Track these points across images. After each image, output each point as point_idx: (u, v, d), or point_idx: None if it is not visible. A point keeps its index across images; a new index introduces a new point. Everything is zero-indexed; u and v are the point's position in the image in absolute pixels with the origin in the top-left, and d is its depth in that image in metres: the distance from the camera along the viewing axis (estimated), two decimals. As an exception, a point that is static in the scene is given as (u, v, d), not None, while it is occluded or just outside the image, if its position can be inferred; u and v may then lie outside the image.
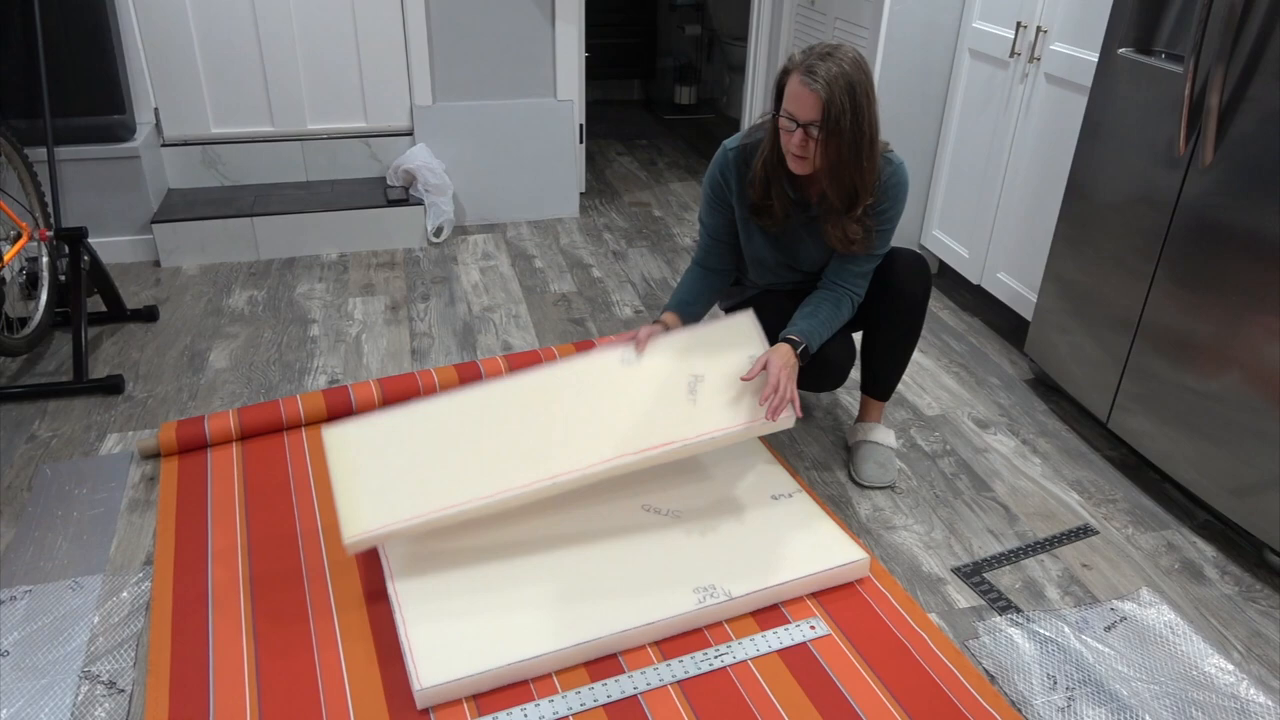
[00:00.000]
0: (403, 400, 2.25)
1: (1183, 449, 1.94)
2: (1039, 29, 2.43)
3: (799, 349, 1.80)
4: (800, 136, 1.70)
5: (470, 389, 1.81)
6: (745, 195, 1.89)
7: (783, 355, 1.77)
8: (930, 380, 2.50)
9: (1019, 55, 2.52)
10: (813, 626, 1.62)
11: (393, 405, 2.22)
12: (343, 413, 2.19)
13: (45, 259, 2.52)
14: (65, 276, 2.48)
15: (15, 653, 1.54)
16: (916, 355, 2.63)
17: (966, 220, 2.85)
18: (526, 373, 1.83)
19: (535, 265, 3.17)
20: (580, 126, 3.56)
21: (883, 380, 2.08)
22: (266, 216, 3.08)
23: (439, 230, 3.31)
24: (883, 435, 2.10)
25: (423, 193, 3.25)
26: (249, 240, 3.09)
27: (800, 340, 1.81)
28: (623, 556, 1.72)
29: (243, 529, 1.82)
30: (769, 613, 1.65)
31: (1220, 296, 1.81)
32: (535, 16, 3.32)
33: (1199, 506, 2.02)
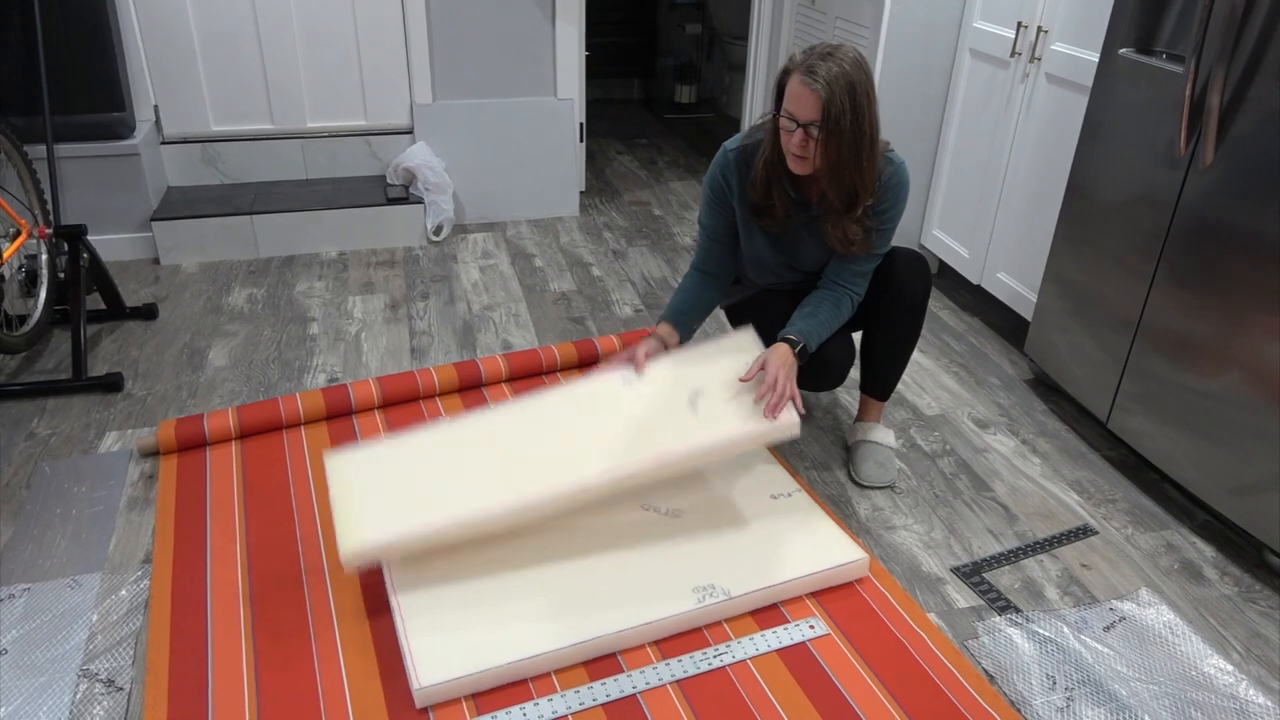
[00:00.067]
0: (402, 399, 2.26)
1: (1182, 449, 1.94)
2: (1040, 29, 2.42)
3: (797, 348, 1.80)
4: (800, 136, 1.69)
5: (472, 414, 1.82)
6: (746, 196, 1.89)
7: (781, 354, 1.77)
8: (930, 380, 2.50)
9: (1019, 55, 2.51)
10: (812, 626, 1.62)
11: (392, 404, 2.24)
12: (342, 411, 2.19)
13: (44, 256, 2.52)
14: (64, 274, 2.48)
15: (14, 651, 1.54)
16: (916, 355, 2.63)
17: (967, 220, 2.85)
18: (528, 397, 1.83)
19: (535, 264, 3.17)
20: (580, 125, 3.56)
21: (882, 380, 2.08)
22: (266, 215, 3.07)
23: (439, 229, 3.31)
24: (882, 435, 2.10)
25: (423, 191, 3.25)
26: (248, 238, 3.08)
27: (799, 340, 1.81)
28: (622, 556, 1.71)
29: (241, 527, 1.82)
30: (768, 612, 1.65)
31: (1220, 296, 1.81)
32: (535, 15, 3.32)
33: (1198, 507, 2.02)
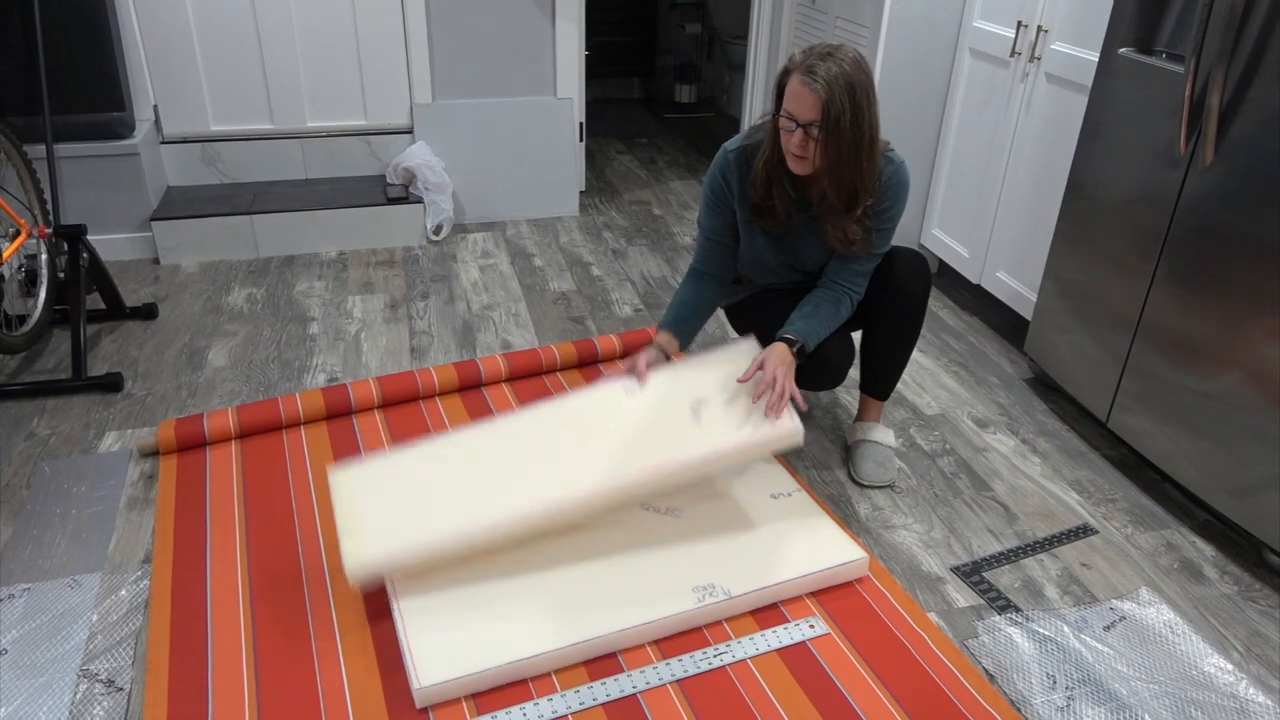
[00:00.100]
0: (402, 399, 2.26)
1: (1182, 448, 1.94)
2: (1039, 28, 2.42)
3: (795, 347, 1.79)
4: (800, 136, 1.69)
5: (475, 427, 1.82)
6: (747, 196, 1.89)
7: (778, 353, 1.77)
8: (930, 379, 2.50)
9: (1019, 55, 2.51)
10: (812, 625, 1.62)
11: (392, 404, 2.24)
12: (342, 411, 2.19)
13: (44, 256, 2.52)
14: (64, 274, 2.48)
15: (14, 651, 1.54)
16: (916, 354, 2.63)
17: (966, 219, 2.85)
18: (530, 409, 1.83)
19: (535, 263, 3.16)
20: (580, 125, 3.56)
21: (882, 379, 2.08)
22: (266, 214, 3.07)
23: (438, 228, 3.31)
24: (882, 434, 2.10)
25: (422, 191, 3.25)
26: (248, 238, 3.08)
27: (796, 339, 1.81)
28: (622, 555, 1.71)
29: (241, 527, 1.82)
30: (768, 612, 1.65)
31: (1220, 296, 1.81)
32: (535, 14, 3.32)
33: (1198, 506, 2.02)
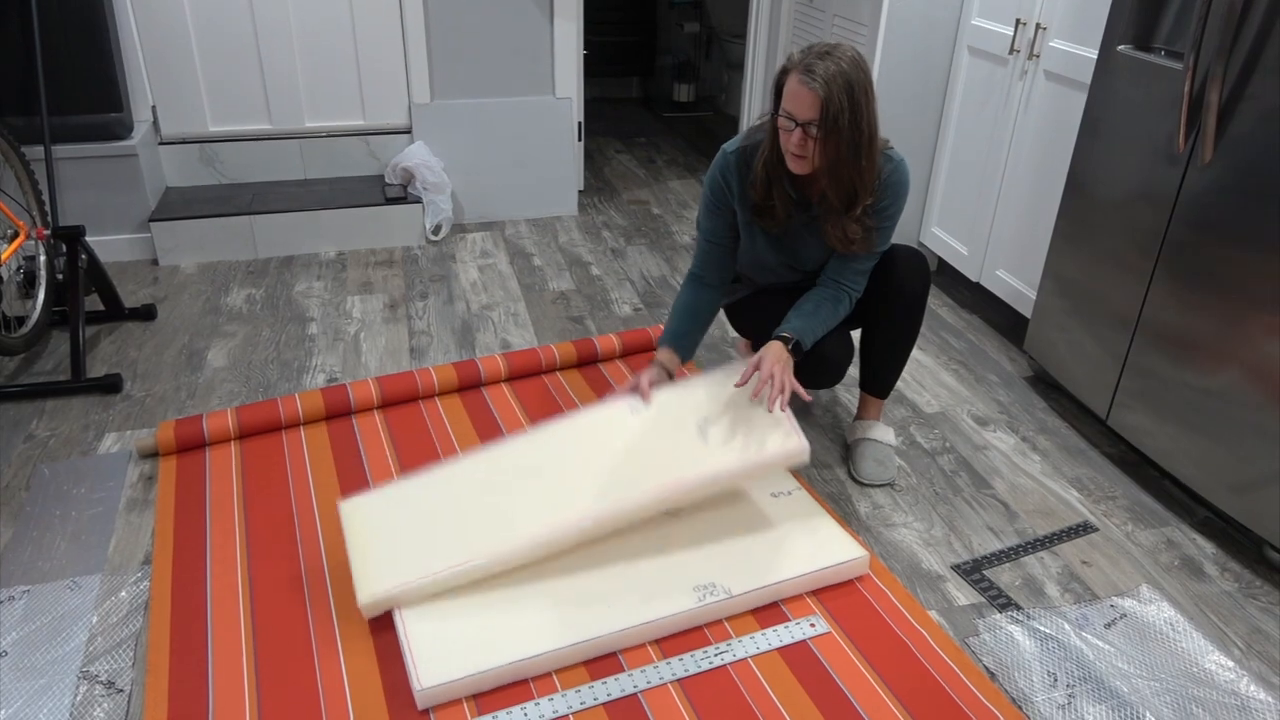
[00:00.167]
0: (401, 399, 2.25)
1: (1182, 446, 1.94)
2: (1038, 26, 2.42)
3: (790, 345, 1.79)
4: (799, 136, 1.69)
5: (482, 450, 1.82)
6: (747, 197, 1.89)
7: (775, 351, 1.77)
8: (929, 377, 2.50)
9: (1018, 52, 2.51)
10: (813, 624, 1.62)
11: (391, 405, 2.24)
12: (341, 411, 2.19)
13: (43, 257, 2.51)
14: (63, 275, 2.47)
15: (14, 653, 1.54)
16: (916, 353, 2.63)
17: (966, 217, 2.85)
18: (536, 430, 1.83)
19: (534, 263, 3.16)
20: (579, 124, 3.55)
21: (882, 378, 2.08)
22: (265, 215, 3.07)
23: (437, 228, 3.30)
24: (882, 433, 2.10)
25: (421, 191, 3.25)
26: (247, 239, 3.08)
27: (792, 336, 1.81)
28: (622, 555, 1.71)
29: (241, 528, 1.82)
30: (769, 610, 1.65)
31: (1220, 293, 1.81)
32: (534, 14, 3.32)
33: (1198, 503, 2.02)
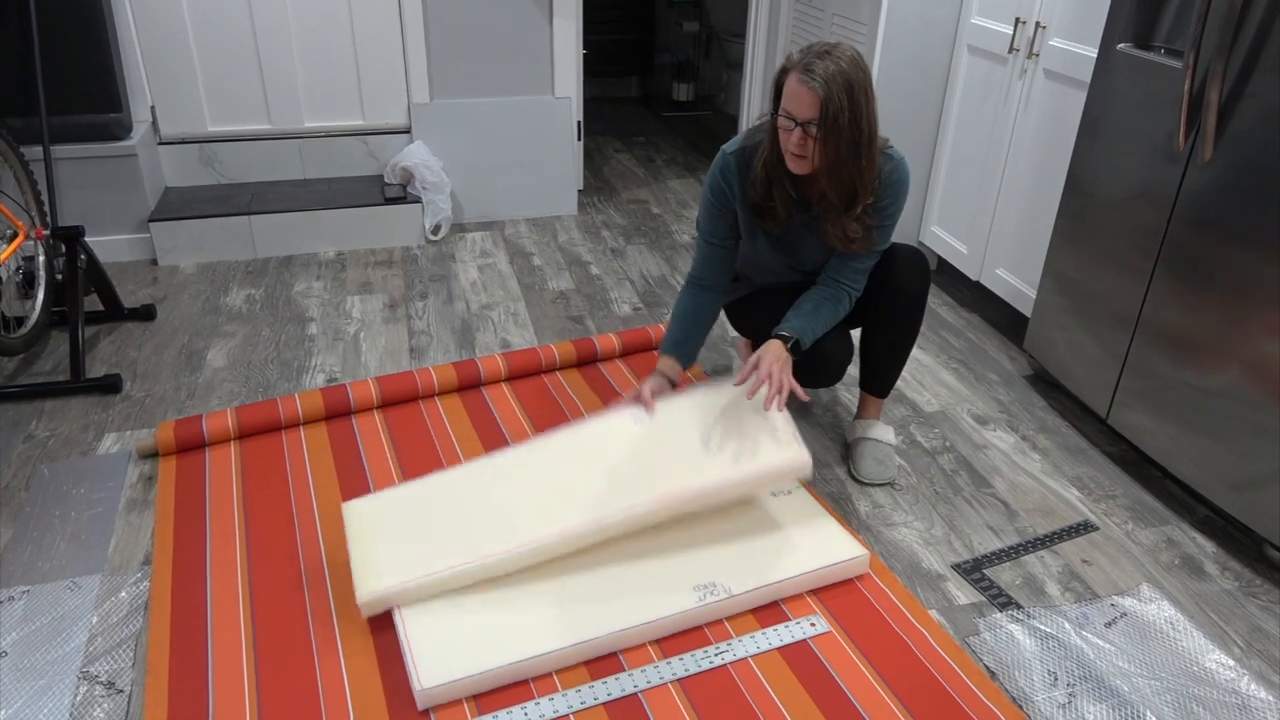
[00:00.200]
0: (401, 399, 2.25)
1: (1182, 444, 1.94)
2: (1038, 24, 2.42)
3: (789, 344, 1.79)
4: (799, 135, 1.69)
5: (486, 457, 1.82)
6: (748, 197, 1.89)
7: (773, 350, 1.77)
8: (929, 377, 2.50)
9: (1018, 51, 2.51)
10: (813, 624, 1.62)
11: (391, 404, 2.24)
12: (341, 411, 2.19)
13: (42, 258, 2.51)
14: (62, 275, 2.47)
15: (14, 653, 1.54)
16: (915, 352, 2.62)
17: (965, 216, 2.85)
18: (540, 439, 1.83)
19: (533, 263, 3.16)
20: (578, 124, 3.55)
21: (882, 377, 2.08)
22: (264, 215, 3.07)
23: (437, 228, 3.30)
24: (882, 432, 2.10)
25: (420, 190, 3.24)
26: (246, 239, 3.08)
27: (791, 335, 1.81)
28: (622, 555, 1.71)
29: (241, 528, 1.82)
30: (769, 610, 1.65)
31: (1220, 292, 1.81)
32: (533, 13, 3.31)
33: (1199, 502, 2.02)
